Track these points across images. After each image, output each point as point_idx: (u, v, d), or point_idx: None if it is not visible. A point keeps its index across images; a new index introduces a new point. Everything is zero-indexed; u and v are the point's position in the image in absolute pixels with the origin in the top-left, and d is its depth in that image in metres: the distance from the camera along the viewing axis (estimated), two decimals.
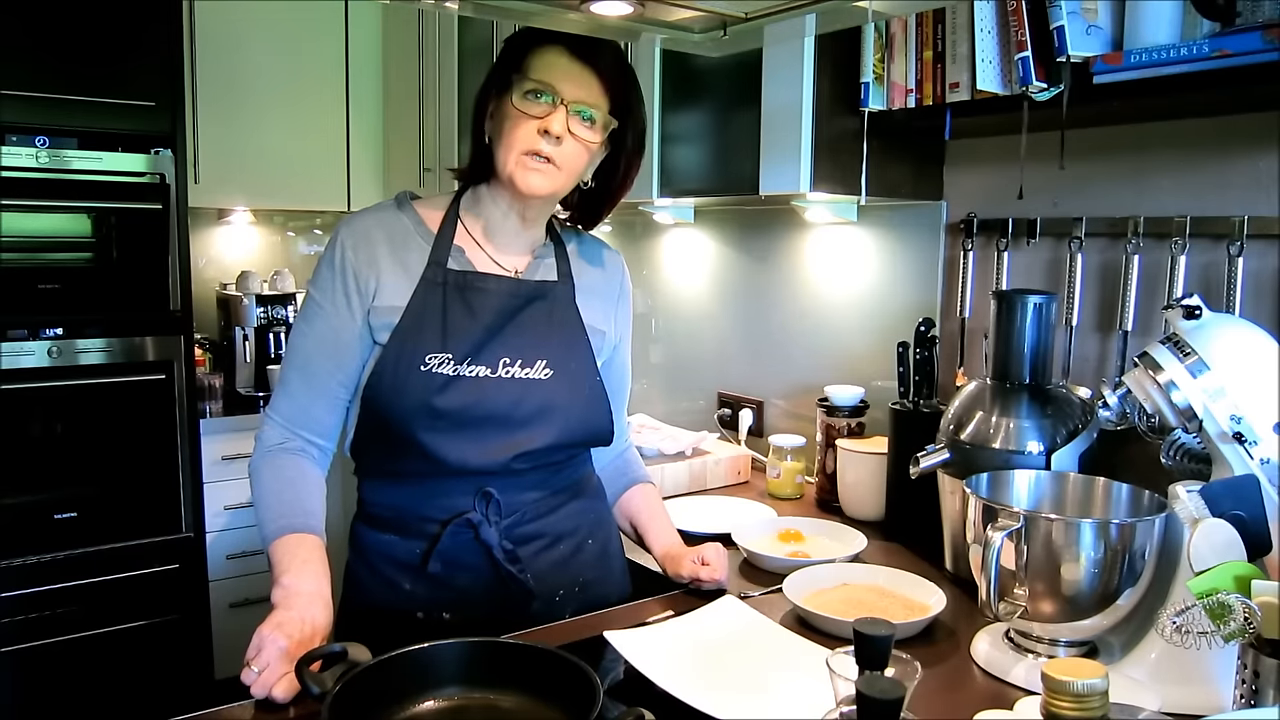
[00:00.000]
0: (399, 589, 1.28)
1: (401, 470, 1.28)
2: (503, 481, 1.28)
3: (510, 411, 1.27)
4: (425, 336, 1.24)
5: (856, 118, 1.73)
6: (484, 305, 1.28)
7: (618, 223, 2.76)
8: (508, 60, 1.28)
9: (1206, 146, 1.50)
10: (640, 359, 2.72)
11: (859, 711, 0.74)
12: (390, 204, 1.33)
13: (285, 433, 1.28)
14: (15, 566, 2.41)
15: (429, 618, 1.27)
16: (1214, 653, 0.96)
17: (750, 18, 1.36)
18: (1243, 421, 1.12)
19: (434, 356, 1.24)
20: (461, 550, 1.27)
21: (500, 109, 1.27)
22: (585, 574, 1.38)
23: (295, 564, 1.18)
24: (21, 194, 2.37)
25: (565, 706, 0.95)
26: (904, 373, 1.74)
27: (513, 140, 1.23)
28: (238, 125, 3.00)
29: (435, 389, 1.23)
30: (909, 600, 1.34)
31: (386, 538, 1.30)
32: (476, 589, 1.28)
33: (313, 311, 1.27)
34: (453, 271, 1.28)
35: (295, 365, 1.28)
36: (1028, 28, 1.41)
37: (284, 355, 1.32)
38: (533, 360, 1.29)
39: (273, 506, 1.24)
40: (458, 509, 1.27)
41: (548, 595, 1.33)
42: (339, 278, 1.26)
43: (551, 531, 1.33)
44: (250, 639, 1.08)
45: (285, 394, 1.29)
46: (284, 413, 1.29)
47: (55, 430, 2.46)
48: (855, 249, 2.07)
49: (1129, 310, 1.57)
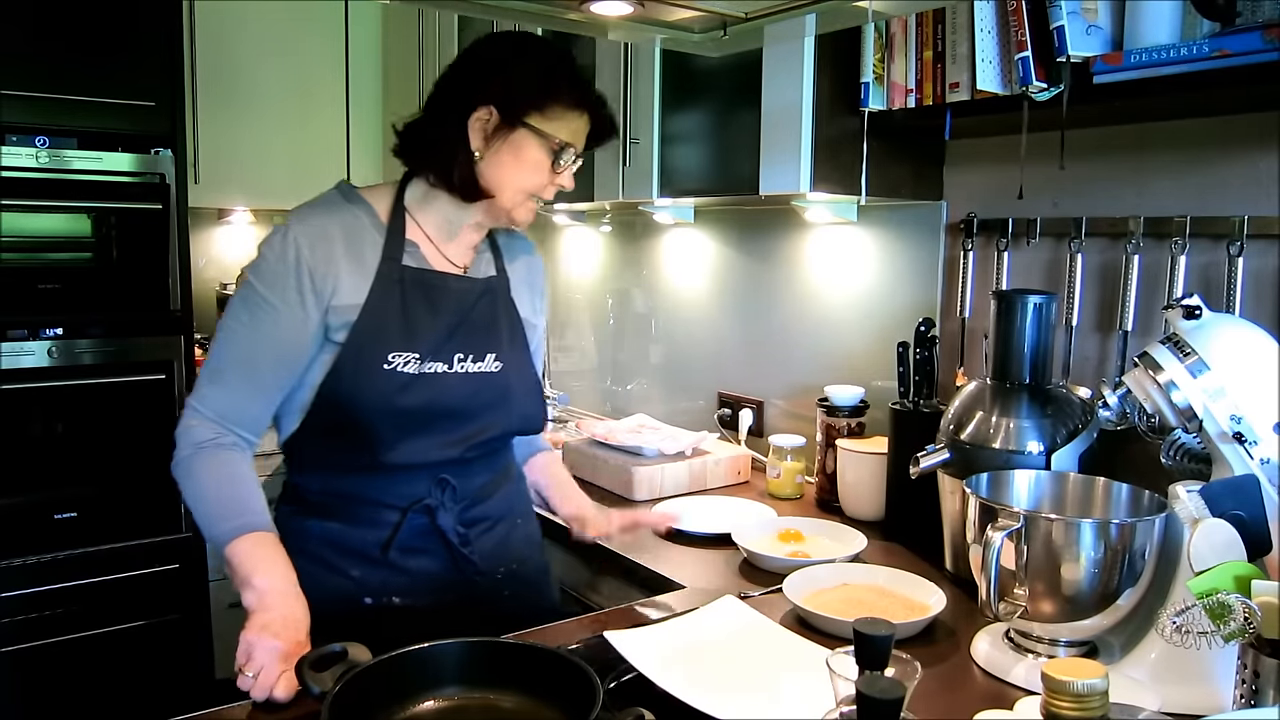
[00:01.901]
0: (346, 576, 1.27)
1: (356, 462, 1.27)
2: (457, 469, 1.31)
3: (466, 405, 1.30)
4: (387, 335, 1.25)
5: (856, 118, 1.73)
6: (443, 304, 1.30)
7: (618, 223, 2.76)
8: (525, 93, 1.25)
9: (1206, 146, 1.50)
10: (640, 359, 2.72)
11: (859, 711, 0.74)
12: (336, 196, 1.31)
13: (217, 428, 1.25)
14: (15, 566, 2.41)
15: (377, 603, 1.29)
16: (1214, 653, 0.96)
17: (750, 18, 1.36)
18: (1243, 421, 1.12)
19: (398, 355, 1.25)
20: (416, 535, 1.30)
21: (515, 145, 1.26)
22: (519, 552, 1.43)
23: (262, 564, 1.17)
24: (21, 194, 2.37)
25: (565, 706, 0.95)
26: (904, 373, 1.74)
27: (527, 185, 1.28)
28: (238, 125, 3.00)
29: (398, 388, 1.24)
30: (909, 600, 1.34)
31: (331, 525, 1.29)
32: (427, 573, 1.31)
33: (261, 309, 1.23)
34: (409, 269, 1.28)
35: (236, 361, 1.25)
36: (1028, 28, 1.41)
37: (215, 347, 1.26)
38: (483, 354, 1.33)
39: (220, 507, 1.21)
40: (415, 496, 1.29)
41: (490, 574, 1.37)
42: (294, 276, 1.23)
43: (494, 514, 1.39)
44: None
45: (221, 389, 1.25)
46: (217, 408, 1.25)
47: (55, 430, 2.46)
48: (855, 249, 2.07)
49: (1129, 310, 1.57)
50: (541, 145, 1.26)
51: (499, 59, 1.28)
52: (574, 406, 2.92)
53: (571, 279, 3.00)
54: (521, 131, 1.25)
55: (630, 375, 2.77)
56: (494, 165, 1.26)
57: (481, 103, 1.25)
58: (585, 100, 1.28)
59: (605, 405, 2.86)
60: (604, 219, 2.79)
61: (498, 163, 1.26)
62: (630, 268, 2.74)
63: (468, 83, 1.27)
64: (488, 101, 1.24)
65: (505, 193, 1.28)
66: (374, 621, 1.20)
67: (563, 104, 1.26)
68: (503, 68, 1.26)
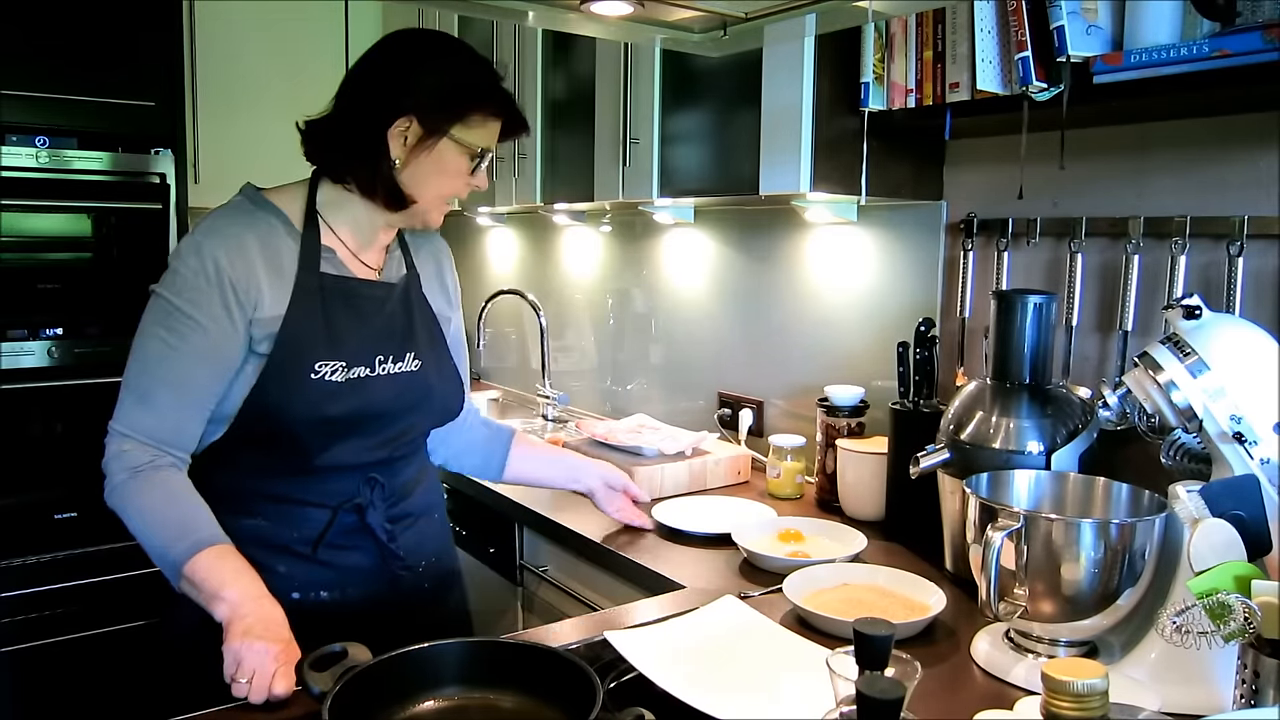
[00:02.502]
0: (273, 572, 1.25)
1: (282, 468, 1.28)
2: (384, 468, 1.33)
3: (390, 406, 1.32)
4: (312, 346, 1.25)
5: (856, 118, 1.73)
6: (363, 310, 1.31)
7: (618, 223, 2.76)
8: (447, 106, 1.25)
9: (1206, 146, 1.50)
10: (640, 359, 2.72)
11: (859, 711, 0.74)
12: (244, 202, 1.29)
13: (152, 451, 1.22)
14: (15, 566, 2.41)
15: (305, 598, 1.29)
16: (1214, 653, 0.96)
17: (750, 18, 1.36)
18: (1243, 421, 1.12)
19: (324, 365, 1.25)
20: (343, 532, 1.31)
21: (436, 154, 1.26)
22: (437, 545, 1.46)
23: (229, 575, 1.15)
24: (21, 194, 2.37)
25: (565, 706, 0.95)
26: (904, 373, 1.74)
27: (444, 189, 1.30)
28: (238, 125, 2.99)
29: (325, 396, 1.24)
30: (909, 600, 1.34)
31: (255, 522, 1.28)
32: (356, 569, 1.33)
33: (186, 327, 1.21)
34: (328, 276, 1.28)
35: (166, 382, 1.22)
36: (1028, 28, 1.41)
37: (136, 367, 1.23)
38: (403, 354, 1.34)
39: (172, 527, 1.19)
40: (345, 495, 1.30)
41: (414, 568, 1.39)
42: (217, 291, 1.21)
43: (415, 509, 1.41)
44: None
45: (151, 410, 1.22)
46: (149, 431, 1.22)
47: (55, 430, 2.46)
48: (855, 249, 2.07)
49: (1129, 310, 1.57)
50: (462, 153, 1.27)
51: (416, 67, 1.26)
52: (574, 406, 2.92)
53: (571, 279, 3.00)
54: (444, 142, 1.25)
55: (630, 375, 2.77)
56: (414, 174, 1.26)
57: (402, 113, 1.24)
58: (504, 107, 1.30)
59: (605, 405, 2.86)
60: (604, 219, 2.79)
61: (418, 171, 1.26)
62: (630, 268, 2.74)
63: (385, 90, 1.25)
64: (408, 112, 1.24)
65: (425, 199, 1.29)
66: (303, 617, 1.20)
67: (483, 114, 1.28)
68: (422, 77, 1.25)
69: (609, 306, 2.83)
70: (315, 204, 1.31)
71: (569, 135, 2.38)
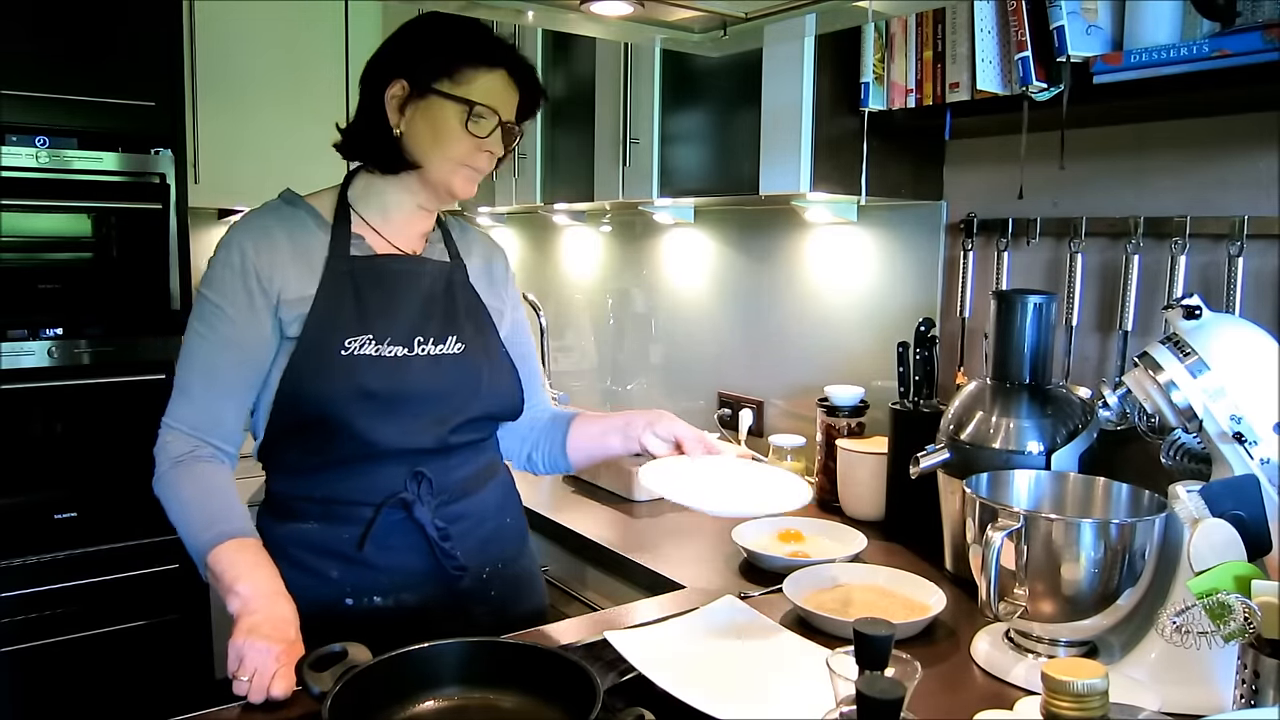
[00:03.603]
0: (325, 578, 1.26)
1: (328, 459, 1.27)
2: (434, 462, 1.31)
3: (432, 387, 1.30)
4: (341, 321, 1.25)
5: (856, 118, 1.73)
6: (394, 285, 1.31)
7: (618, 223, 2.76)
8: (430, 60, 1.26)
9: (1206, 146, 1.50)
10: (640, 359, 2.72)
11: (859, 711, 0.74)
12: (278, 202, 1.33)
13: (193, 441, 1.25)
14: (15, 566, 2.41)
15: (359, 603, 1.28)
16: (1214, 653, 0.96)
17: (750, 18, 1.36)
18: (1243, 421, 1.12)
19: (353, 340, 1.24)
20: (393, 532, 1.29)
21: (429, 114, 1.26)
22: (506, 551, 1.42)
23: (245, 569, 1.16)
24: (21, 194, 2.37)
25: (565, 706, 0.95)
26: (904, 373, 1.74)
27: (454, 154, 1.27)
28: (237, 125, 2.99)
29: (360, 371, 1.24)
30: (909, 600, 1.34)
31: (306, 527, 1.29)
32: (407, 571, 1.30)
33: (214, 316, 1.24)
34: (358, 258, 1.29)
35: (199, 371, 1.25)
36: (1028, 28, 1.41)
37: (179, 363, 1.27)
38: (444, 337, 1.32)
39: (200, 516, 1.21)
40: (390, 491, 1.28)
41: (476, 573, 1.35)
42: (239, 279, 1.24)
43: (477, 511, 1.37)
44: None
45: (188, 402, 1.26)
46: (189, 421, 1.25)
47: (55, 430, 2.46)
48: (855, 249, 2.07)
49: (1129, 310, 1.57)
50: (456, 110, 1.25)
51: (407, 33, 1.29)
52: (574, 406, 2.92)
53: (571, 279, 3.00)
54: (432, 99, 1.25)
55: (630, 375, 2.77)
56: (413, 137, 1.27)
57: (392, 77, 1.26)
58: (495, 58, 1.27)
59: (605, 405, 2.86)
60: (604, 219, 2.79)
61: (417, 135, 1.27)
62: (630, 268, 2.74)
63: (379, 61, 1.29)
64: (397, 75, 1.26)
65: (432, 163, 1.28)
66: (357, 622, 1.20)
67: (470, 64, 1.26)
68: (409, 40, 1.28)
69: (609, 306, 2.83)
70: (346, 197, 1.33)
71: (569, 135, 2.38)
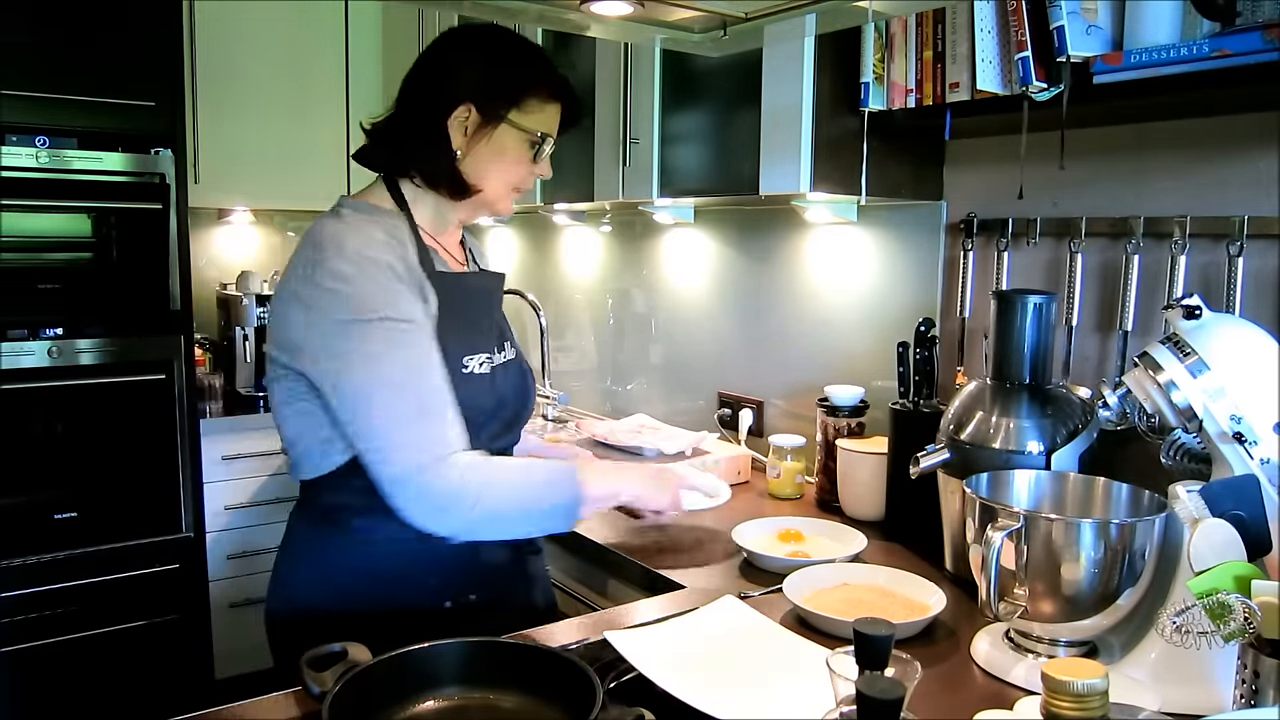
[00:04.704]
0: (424, 586, 1.28)
1: None
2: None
3: (512, 395, 1.36)
4: (457, 339, 1.26)
5: (856, 118, 1.73)
6: (477, 300, 1.35)
7: (618, 223, 2.76)
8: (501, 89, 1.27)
9: (1206, 146, 1.50)
10: (640, 359, 2.72)
11: (859, 711, 0.74)
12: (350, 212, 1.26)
13: (473, 454, 1.21)
14: (15, 566, 2.41)
15: (456, 604, 1.31)
16: (1214, 653, 0.96)
17: (750, 18, 1.36)
18: (1243, 421, 1.12)
19: (471, 358, 1.27)
20: None
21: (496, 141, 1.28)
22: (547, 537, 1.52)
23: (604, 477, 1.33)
24: (21, 194, 2.37)
25: (565, 706, 0.95)
26: (904, 373, 1.74)
27: (508, 177, 1.31)
28: (237, 125, 3.00)
29: (476, 386, 1.27)
30: (909, 600, 1.34)
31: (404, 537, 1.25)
32: (495, 566, 1.34)
33: (413, 336, 1.18)
34: (447, 274, 1.31)
35: (434, 390, 1.18)
36: (1028, 28, 1.41)
37: (404, 401, 1.16)
38: (503, 344, 1.38)
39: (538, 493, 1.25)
40: None
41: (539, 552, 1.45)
42: (408, 289, 1.21)
43: None
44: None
45: (450, 424, 1.19)
46: (461, 440, 1.20)
47: (55, 430, 2.46)
48: (855, 249, 2.07)
49: (1129, 310, 1.57)
50: (521, 139, 1.29)
51: (472, 56, 1.28)
52: (574, 406, 2.92)
53: (571, 279, 3.00)
54: (502, 128, 1.27)
55: (630, 375, 2.77)
56: (476, 162, 1.28)
57: (459, 101, 1.26)
58: (560, 91, 1.32)
59: (605, 405, 2.86)
60: (604, 219, 2.79)
61: (479, 159, 1.28)
62: (630, 268, 2.74)
63: (442, 81, 1.28)
64: (466, 100, 1.26)
65: (490, 187, 1.30)
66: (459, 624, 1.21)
67: (539, 97, 1.29)
68: (477, 65, 1.27)
69: (609, 306, 2.83)
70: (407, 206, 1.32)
71: (569, 135, 2.37)
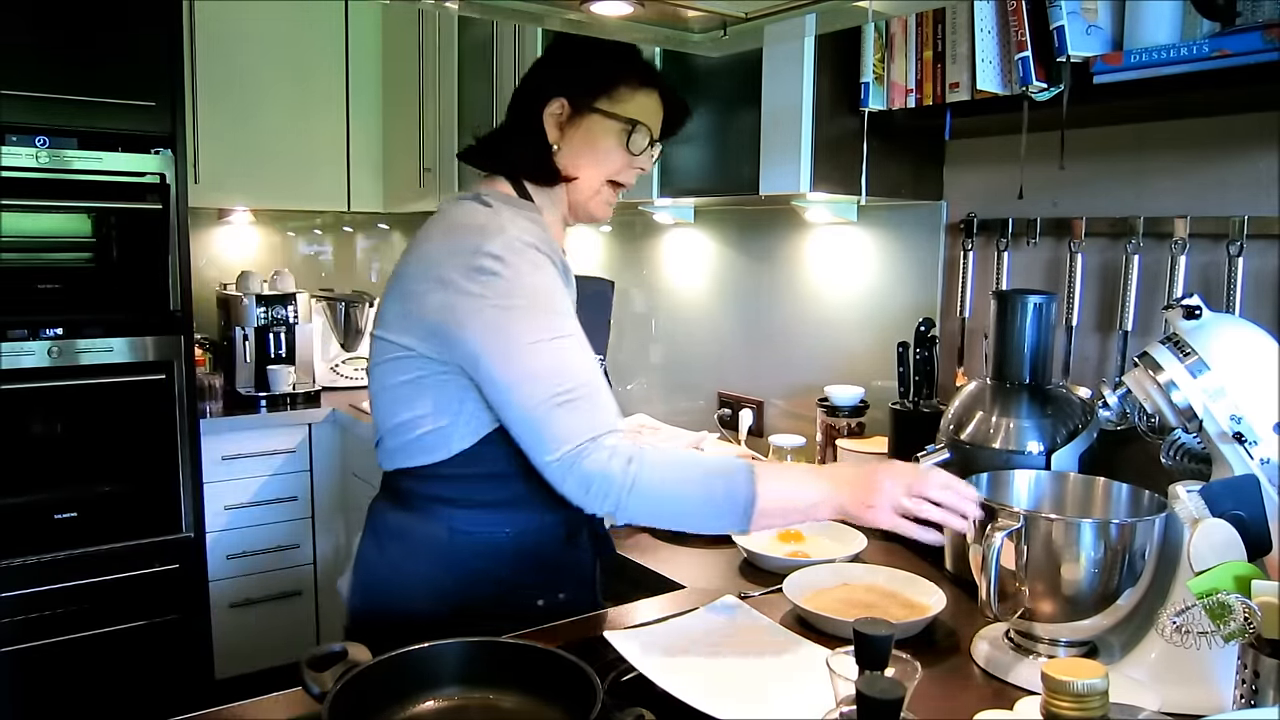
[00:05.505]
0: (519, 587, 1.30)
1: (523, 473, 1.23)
2: None
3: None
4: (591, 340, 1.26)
5: (856, 118, 1.73)
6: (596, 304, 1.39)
7: (618, 223, 2.76)
8: (590, 80, 1.30)
9: (1206, 146, 1.50)
10: (640, 359, 2.72)
11: (859, 711, 0.74)
12: (498, 201, 1.27)
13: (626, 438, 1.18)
14: (15, 566, 2.41)
15: (548, 602, 1.33)
16: (1214, 653, 0.96)
17: (750, 18, 1.36)
18: (1243, 421, 1.12)
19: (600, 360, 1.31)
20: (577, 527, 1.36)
21: (588, 131, 1.30)
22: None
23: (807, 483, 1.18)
24: (21, 194, 2.37)
25: (565, 706, 0.95)
26: (904, 373, 1.74)
27: (603, 168, 1.32)
28: (238, 125, 3.00)
29: None
30: (909, 600, 1.34)
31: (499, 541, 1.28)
32: (580, 563, 1.38)
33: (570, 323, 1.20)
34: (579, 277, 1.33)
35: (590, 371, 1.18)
36: (1028, 28, 1.41)
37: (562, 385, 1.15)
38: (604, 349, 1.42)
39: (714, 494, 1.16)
40: None
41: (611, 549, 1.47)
42: (561, 280, 1.24)
43: None
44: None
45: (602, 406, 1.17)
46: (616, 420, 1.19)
47: (55, 430, 2.46)
48: (855, 249, 2.07)
49: (1129, 310, 1.57)
50: (613, 128, 1.30)
51: (565, 53, 1.34)
52: None
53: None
54: (592, 117, 1.30)
55: (630, 375, 2.77)
56: (570, 154, 1.31)
57: (552, 95, 1.30)
58: (651, 79, 1.33)
59: None
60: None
61: (573, 150, 1.31)
62: (630, 268, 2.74)
63: (536, 79, 1.34)
64: (558, 93, 1.30)
65: (584, 176, 1.32)
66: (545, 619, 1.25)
67: (629, 85, 1.31)
68: (569, 60, 1.33)
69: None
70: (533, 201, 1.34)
71: None
